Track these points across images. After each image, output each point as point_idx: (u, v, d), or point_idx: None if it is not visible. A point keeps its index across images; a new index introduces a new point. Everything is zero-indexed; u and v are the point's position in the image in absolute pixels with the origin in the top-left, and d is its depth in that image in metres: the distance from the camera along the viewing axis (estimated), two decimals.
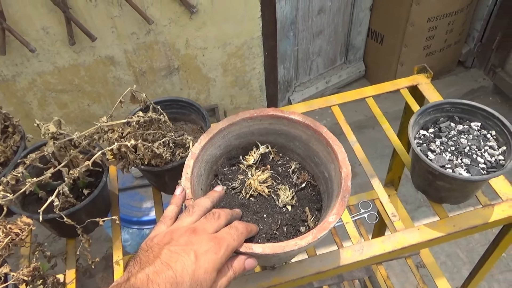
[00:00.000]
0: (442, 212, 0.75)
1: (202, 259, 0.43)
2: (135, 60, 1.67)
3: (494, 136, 0.72)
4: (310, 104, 0.93)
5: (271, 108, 0.67)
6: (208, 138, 0.64)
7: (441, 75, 2.48)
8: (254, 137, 0.69)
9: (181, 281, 0.40)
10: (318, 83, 2.35)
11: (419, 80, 0.96)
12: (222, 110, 1.99)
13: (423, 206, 1.97)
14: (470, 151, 0.69)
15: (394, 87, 0.95)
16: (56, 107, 1.73)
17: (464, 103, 0.74)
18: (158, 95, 1.83)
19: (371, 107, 0.95)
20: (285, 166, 0.70)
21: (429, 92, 0.94)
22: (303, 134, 0.66)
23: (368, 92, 0.95)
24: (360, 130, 2.31)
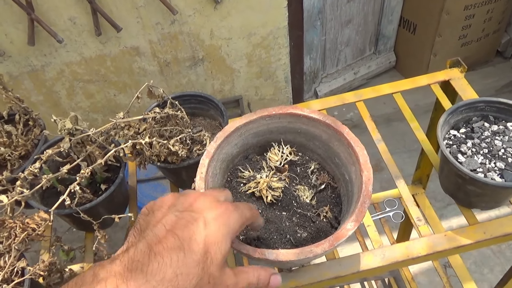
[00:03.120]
0: (471, 217, 0.70)
1: (213, 226, 0.36)
2: (160, 51, 1.67)
3: None
4: (339, 98, 0.89)
5: (291, 106, 0.64)
6: (224, 136, 0.62)
7: (478, 66, 2.36)
8: (273, 135, 0.67)
9: (189, 251, 0.33)
10: (346, 74, 2.29)
11: (452, 75, 0.90)
12: (246, 102, 1.97)
13: (452, 204, 1.88)
14: (505, 154, 0.64)
15: (424, 82, 0.90)
16: (84, 97, 1.76)
17: (500, 102, 0.68)
18: (182, 85, 1.83)
19: (399, 103, 0.90)
20: (304, 166, 0.67)
21: (462, 88, 0.88)
22: (323, 133, 0.63)
23: (394, 87, 0.90)
24: (389, 123, 2.24)
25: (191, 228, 0.35)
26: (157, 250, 0.32)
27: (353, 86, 2.34)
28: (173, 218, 0.35)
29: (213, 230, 0.35)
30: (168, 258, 0.32)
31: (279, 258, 0.48)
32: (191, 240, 0.34)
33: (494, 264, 1.69)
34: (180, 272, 0.32)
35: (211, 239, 0.35)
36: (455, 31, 2.03)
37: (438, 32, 2.02)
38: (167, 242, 0.33)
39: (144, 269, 0.31)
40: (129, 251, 0.33)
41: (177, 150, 0.66)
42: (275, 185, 0.63)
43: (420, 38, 2.14)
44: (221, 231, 0.36)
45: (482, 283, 1.64)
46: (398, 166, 0.78)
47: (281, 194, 0.62)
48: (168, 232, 0.34)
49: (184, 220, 0.35)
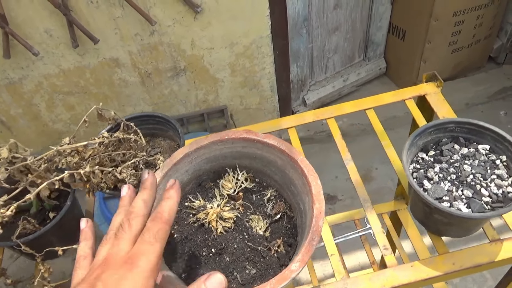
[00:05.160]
0: (441, 247, 0.66)
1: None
2: (140, 62, 1.63)
3: (504, 162, 0.62)
4: (301, 117, 0.86)
5: (244, 130, 0.61)
6: (172, 164, 0.58)
7: (470, 73, 2.32)
8: (227, 160, 0.63)
9: None
10: (335, 81, 2.25)
11: (428, 90, 0.86)
12: (232, 111, 1.94)
13: None
14: (474, 181, 0.60)
15: (396, 98, 0.86)
16: (64, 109, 1.72)
17: (470, 123, 0.64)
18: (165, 96, 1.79)
19: (371, 119, 0.86)
20: (261, 193, 0.63)
21: (438, 104, 0.84)
22: (279, 159, 0.59)
23: (365, 104, 0.86)
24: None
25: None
26: None
27: (342, 93, 2.30)
28: None
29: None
30: None
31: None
32: None
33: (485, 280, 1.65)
34: None
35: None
36: (445, 37, 1.99)
37: (427, 39, 1.98)
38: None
39: None
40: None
41: (124, 177, 0.62)
42: (226, 215, 0.59)
43: (410, 44, 2.10)
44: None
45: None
46: (387, 177, 0.74)
47: (233, 225, 0.58)
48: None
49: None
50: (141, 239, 0.39)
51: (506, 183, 0.59)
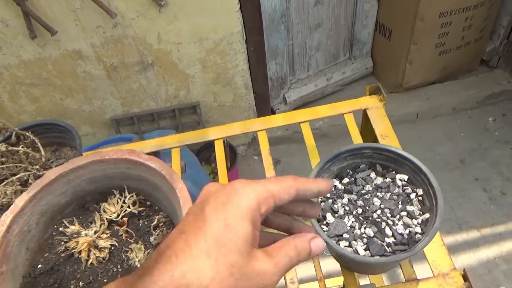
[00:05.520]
0: (352, 284, 0.60)
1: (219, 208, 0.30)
2: (105, 55, 1.57)
3: (420, 196, 0.55)
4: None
5: (127, 150, 0.54)
6: (41, 185, 0.53)
7: (460, 75, 2.22)
8: (114, 181, 0.57)
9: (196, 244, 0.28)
10: (317, 80, 2.17)
11: (369, 104, 0.79)
12: (205, 108, 1.87)
13: None
14: (380, 217, 0.53)
15: (334, 111, 0.79)
16: (28, 101, 1.67)
17: (388, 150, 0.57)
18: (134, 90, 1.73)
19: (304, 131, 0.79)
20: (150, 219, 0.57)
21: (378, 120, 0.77)
22: (162, 185, 0.53)
23: (299, 117, 0.79)
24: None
25: (196, 221, 0.30)
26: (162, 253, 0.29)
27: (326, 92, 2.22)
28: (185, 217, 0.32)
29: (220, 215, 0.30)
30: (174, 257, 0.28)
31: None
32: (197, 232, 0.29)
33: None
34: (190, 268, 0.27)
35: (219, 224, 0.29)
36: (431, 39, 1.89)
37: (413, 40, 1.89)
38: (175, 243, 0.29)
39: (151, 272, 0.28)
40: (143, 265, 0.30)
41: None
42: (102, 244, 0.53)
43: (395, 45, 2.01)
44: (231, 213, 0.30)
45: None
46: None
47: (108, 255, 0.53)
48: (178, 232, 0.30)
49: (192, 215, 0.31)
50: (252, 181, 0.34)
51: (415, 222, 0.52)
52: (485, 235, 1.72)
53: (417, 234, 0.52)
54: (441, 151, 2.01)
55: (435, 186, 0.53)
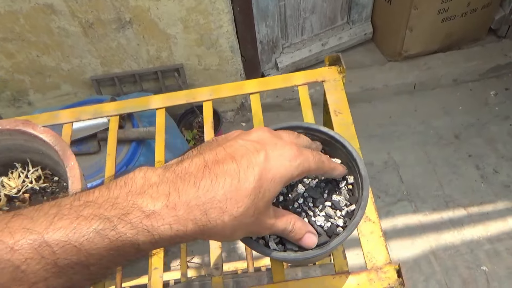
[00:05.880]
0: (279, 273, 0.55)
1: (273, 162, 0.34)
2: (79, 10, 1.48)
3: (350, 185, 0.49)
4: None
5: (22, 121, 0.49)
6: None
7: (464, 45, 2.08)
8: (14, 154, 0.52)
9: (244, 179, 0.32)
10: (312, 45, 2.05)
11: (326, 76, 0.72)
12: (189, 71, 1.79)
13: (404, 200, 1.73)
14: (301, 207, 0.47)
15: (287, 82, 0.72)
16: (3, 56, 1.61)
17: (320, 131, 0.51)
18: (112, 49, 1.65)
19: (253, 103, 0.71)
20: (56, 195, 0.52)
21: (333, 95, 0.70)
22: (59, 160, 0.48)
23: (248, 87, 0.72)
24: (353, 103, 2.02)
25: (251, 157, 0.33)
26: (213, 168, 0.32)
27: (320, 58, 2.11)
28: (235, 145, 0.34)
29: (272, 167, 0.34)
30: (222, 179, 0.31)
31: None
32: (248, 169, 0.33)
33: (430, 273, 1.55)
34: (231, 197, 0.31)
35: (268, 174, 0.33)
36: (433, 3, 1.75)
37: (414, 4, 1.75)
38: (225, 164, 0.32)
39: (197, 183, 0.31)
40: (183, 163, 0.32)
41: None
42: None
43: (396, 9, 1.87)
44: (280, 171, 0.34)
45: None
46: None
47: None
48: (228, 155, 0.33)
49: (245, 148, 0.34)
50: (310, 150, 0.41)
51: (338, 214, 0.47)
52: (472, 214, 1.67)
53: (339, 227, 0.46)
54: (436, 124, 1.92)
55: (363, 174, 0.46)
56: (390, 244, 1.61)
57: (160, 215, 0.29)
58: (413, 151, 1.85)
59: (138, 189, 0.30)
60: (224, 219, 0.31)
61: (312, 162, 0.38)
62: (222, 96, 0.73)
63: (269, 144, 0.35)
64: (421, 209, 1.68)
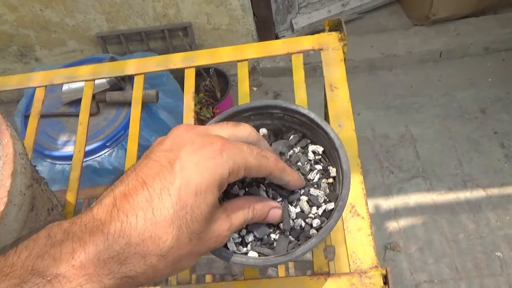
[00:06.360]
0: (250, 270, 0.49)
1: (192, 170, 0.27)
2: None
3: (331, 178, 0.42)
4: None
5: None
6: None
7: (500, 9, 1.89)
8: None
9: (159, 207, 0.26)
10: (331, 5, 1.91)
11: (325, 43, 0.62)
12: (198, 30, 1.69)
13: (418, 177, 1.63)
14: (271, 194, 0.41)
15: (282, 49, 0.63)
16: (6, 9, 1.56)
17: (300, 112, 0.43)
18: (117, 5, 1.57)
19: (240, 70, 0.63)
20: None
21: (331, 65, 0.61)
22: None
23: (241, 53, 0.63)
24: (373, 70, 1.89)
25: (164, 175, 0.27)
26: (121, 205, 0.26)
27: None
28: (148, 163, 0.28)
29: (191, 177, 0.27)
30: (133, 217, 0.26)
31: None
32: (163, 192, 0.26)
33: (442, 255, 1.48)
34: (149, 235, 0.26)
35: (188, 189, 0.27)
36: None
37: None
38: (135, 196, 0.26)
39: (105, 231, 0.25)
40: (93, 208, 0.27)
41: None
42: None
43: None
44: (203, 177, 0.27)
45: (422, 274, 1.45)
46: (368, 124, 0.55)
47: None
48: (139, 182, 0.27)
49: (158, 164, 0.28)
50: (247, 144, 0.32)
51: (313, 212, 0.40)
52: (491, 196, 1.56)
53: (312, 228, 0.39)
54: (460, 97, 1.78)
55: (344, 168, 0.39)
56: (399, 222, 1.54)
57: (65, 277, 0.24)
58: (433, 125, 1.73)
59: (38, 252, 0.25)
60: (151, 262, 0.26)
61: (248, 155, 0.30)
62: (221, 61, 0.65)
63: (184, 147, 0.28)
64: (436, 188, 1.59)
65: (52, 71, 0.67)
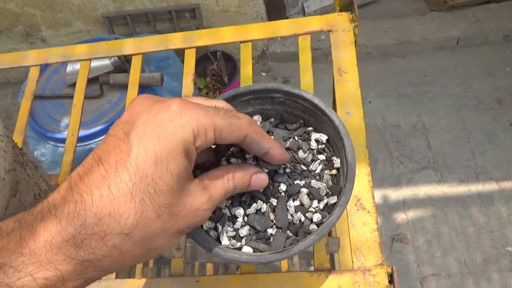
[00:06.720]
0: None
1: (149, 136, 0.24)
2: None
3: (335, 169, 0.39)
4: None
5: None
6: None
7: None
8: None
9: (115, 181, 0.23)
10: None
11: (335, 24, 0.58)
12: (206, 12, 1.65)
13: (429, 168, 1.59)
14: (269, 193, 0.37)
15: (288, 30, 0.59)
16: None
17: (303, 97, 0.39)
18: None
19: (242, 53, 0.60)
20: None
21: (341, 47, 0.57)
22: None
23: (246, 34, 0.59)
24: (386, 57, 1.83)
25: (120, 147, 0.24)
26: (75, 186, 0.24)
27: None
28: (105, 140, 0.26)
29: (149, 144, 0.24)
30: (88, 196, 0.23)
31: None
32: (118, 165, 0.24)
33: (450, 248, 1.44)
34: (107, 212, 0.23)
35: (147, 157, 0.24)
36: None
37: None
38: (90, 175, 0.24)
39: (58, 214, 0.23)
40: (49, 196, 0.24)
41: None
42: None
43: None
44: (163, 143, 0.24)
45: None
46: (378, 113, 0.52)
47: None
48: (94, 159, 0.25)
49: (114, 139, 0.25)
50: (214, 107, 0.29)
51: (314, 206, 0.36)
52: (504, 189, 1.51)
53: (312, 224, 0.36)
54: (476, 86, 1.72)
55: (349, 159, 0.35)
56: (408, 214, 1.50)
57: (13, 267, 0.22)
58: (446, 115, 1.67)
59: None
60: (113, 242, 0.24)
61: (214, 114, 0.27)
62: (223, 41, 0.62)
63: (141, 115, 0.25)
64: (447, 180, 1.54)
65: (47, 49, 0.64)
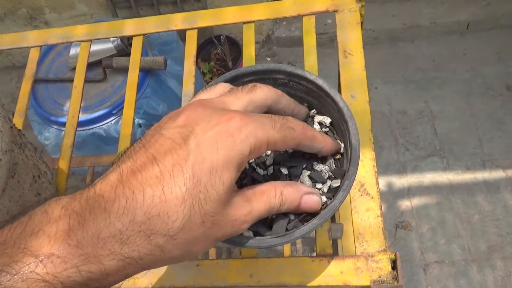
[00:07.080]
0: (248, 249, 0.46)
1: (208, 147, 0.25)
2: None
3: (340, 154, 0.38)
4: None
5: None
6: None
7: None
8: None
9: (170, 184, 0.24)
10: None
11: (342, 4, 0.57)
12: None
13: (435, 155, 1.57)
14: (272, 176, 0.37)
15: (292, 11, 0.57)
16: None
17: (306, 79, 0.38)
18: None
19: (245, 33, 0.59)
20: None
21: (347, 29, 0.55)
22: None
23: (253, 14, 0.58)
24: (394, 42, 1.80)
25: (177, 151, 0.25)
26: (127, 181, 0.24)
27: None
28: (159, 140, 0.25)
29: (207, 154, 0.25)
30: (140, 193, 0.23)
31: None
32: (175, 168, 0.24)
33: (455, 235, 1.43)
34: (157, 213, 0.23)
35: (203, 166, 0.24)
36: None
37: None
38: (143, 172, 0.24)
39: (108, 208, 0.23)
40: (96, 184, 0.24)
41: None
42: None
43: None
44: (220, 154, 0.25)
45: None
46: (385, 99, 0.51)
47: None
48: (148, 158, 0.25)
49: (170, 141, 0.25)
50: (268, 115, 0.30)
51: (319, 188, 0.35)
52: (511, 177, 1.50)
53: (324, 204, 0.35)
54: (485, 72, 1.69)
55: (353, 143, 0.34)
56: (412, 201, 1.49)
57: (60, 257, 0.22)
58: (454, 102, 1.64)
59: (33, 228, 0.23)
60: (157, 242, 0.24)
61: (270, 129, 0.27)
62: (226, 22, 0.60)
63: (200, 123, 0.26)
64: (453, 167, 1.53)
65: (47, 30, 0.63)
